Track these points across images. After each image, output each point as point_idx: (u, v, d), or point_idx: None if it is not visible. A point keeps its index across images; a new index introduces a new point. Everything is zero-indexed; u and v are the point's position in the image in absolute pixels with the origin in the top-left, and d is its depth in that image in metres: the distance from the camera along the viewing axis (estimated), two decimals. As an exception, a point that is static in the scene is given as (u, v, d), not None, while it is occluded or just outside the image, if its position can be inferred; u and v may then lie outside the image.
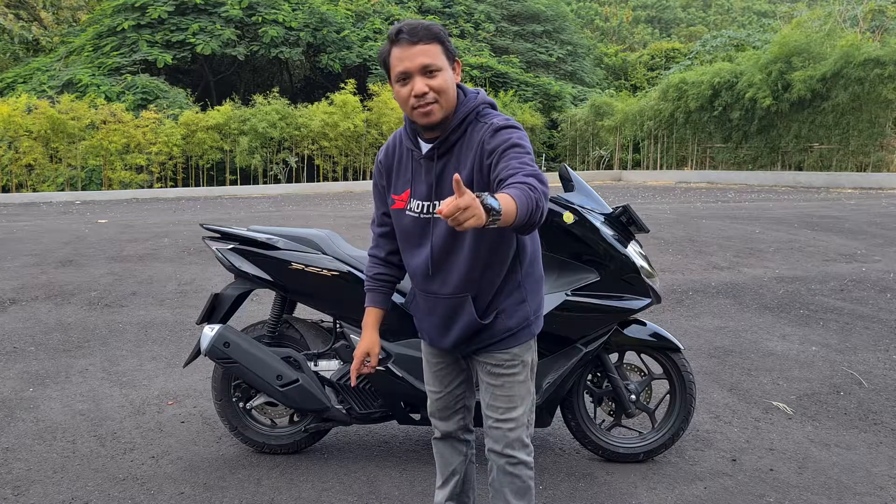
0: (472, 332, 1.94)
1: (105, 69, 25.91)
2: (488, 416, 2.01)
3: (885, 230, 9.74)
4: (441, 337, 2.01)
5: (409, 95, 1.79)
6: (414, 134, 1.95)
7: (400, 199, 1.96)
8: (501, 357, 1.96)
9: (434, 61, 1.78)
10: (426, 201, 1.91)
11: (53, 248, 9.01)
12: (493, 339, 1.95)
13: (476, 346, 1.98)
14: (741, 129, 24.95)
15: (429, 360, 2.14)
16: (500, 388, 1.98)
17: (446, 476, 2.21)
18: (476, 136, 1.84)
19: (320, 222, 11.68)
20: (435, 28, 1.80)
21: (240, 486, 2.72)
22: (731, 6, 57.64)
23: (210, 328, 2.81)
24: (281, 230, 2.90)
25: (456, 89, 1.86)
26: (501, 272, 1.93)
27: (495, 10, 37.48)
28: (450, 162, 1.87)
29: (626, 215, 2.75)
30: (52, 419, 3.40)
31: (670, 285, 6.26)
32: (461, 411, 2.16)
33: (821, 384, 3.82)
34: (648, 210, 13.19)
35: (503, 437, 1.98)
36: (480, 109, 1.89)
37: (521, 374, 1.98)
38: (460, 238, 1.87)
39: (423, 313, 2.04)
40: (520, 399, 1.98)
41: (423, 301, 2.03)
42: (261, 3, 28.97)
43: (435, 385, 2.14)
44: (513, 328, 1.95)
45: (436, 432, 2.20)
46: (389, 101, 25.44)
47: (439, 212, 1.40)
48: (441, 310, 1.97)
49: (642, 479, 2.75)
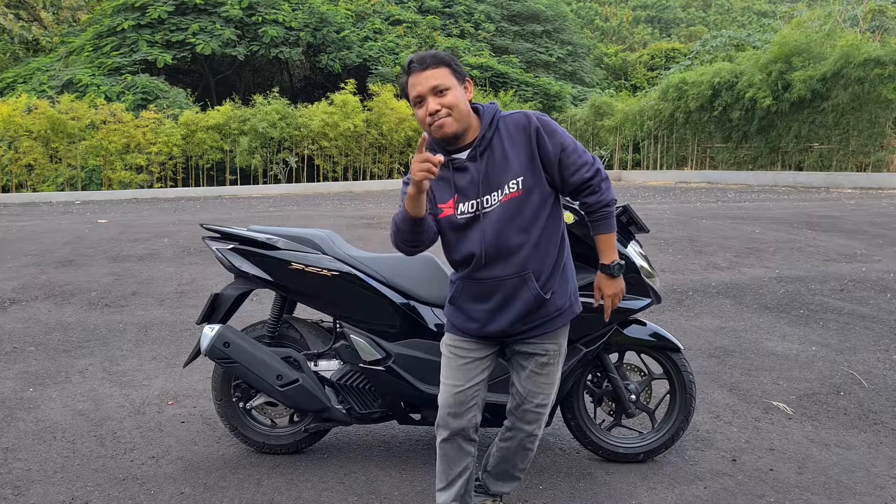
0: (530, 309, 2.12)
1: (105, 69, 25.88)
2: (528, 400, 2.20)
3: (885, 230, 9.74)
4: (495, 320, 2.13)
5: (426, 115, 2.02)
6: (443, 151, 2.15)
7: (447, 206, 2.12)
8: (551, 347, 2.18)
9: (442, 81, 2.00)
10: (475, 199, 2.08)
11: (53, 248, 9.01)
12: (547, 317, 2.15)
13: (529, 325, 2.14)
14: (741, 129, 24.93)
15: (456, 354, 2.20)
16: (544, 377, 2.19)
17: (452, 478, 2.22)
18: (512, 128, 2.09)
19: (320, 222, 11.68)
20: (441, 54, 2.04)
21: (240, 485, 2.72)
22: (731, 6, 57.63)
23: (210, 328, 2.81)
24: (281, 230, 2.90)
25: (469, 105, 2.07)
26: (554, 252, 2.14)
27: (495, 10, 37.45)
28: (492, 157, 2.08)
29: (626, 215, 2.75)
30: (52, 419, 3.40)
31: (670, 285, 6.26)
32: (474, 409, 2.21)
33: (821, 384, 3.83)
34: (648, 210, 13.19)
35: (536, 419, 2.21)
36: (496, 117, 2.13)
37: (559, 364, 2.23)
38: (518, 223, 2.07)
39: (474, 301, 2.16)
40: (554, 386, 2.23)
41: (476, 288, 2.14)
42: (261, 3, 28.95)
43: (458, 379, 2.18)
44: (561, 307, 2.17)
45: (442, 433, 2.20)
46: (389, 101, 25.43)
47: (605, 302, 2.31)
48: (500, 292, 2.11)
49: (642, 479, 2.76)
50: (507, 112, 2.14)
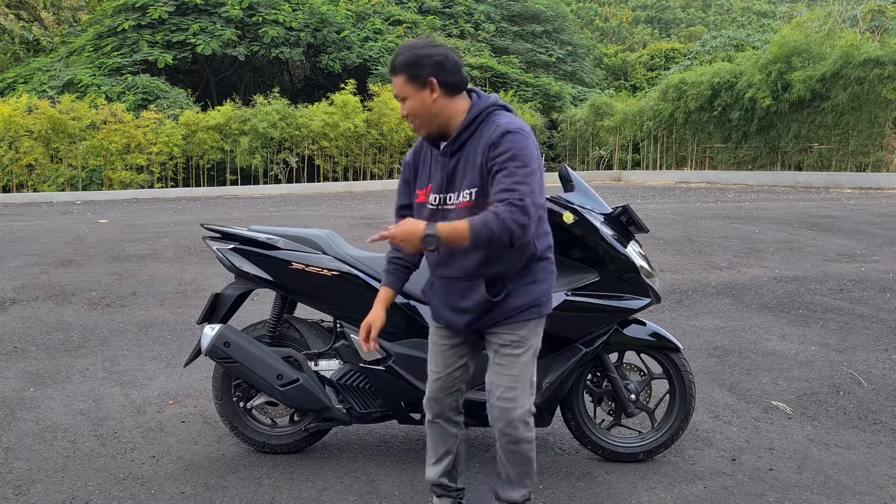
0: (485, 310, 2.11)
1: (105, 69, 25.89)
2: (491, 393, 2.15)
3: (884, 230, 9.75)
4: (457, 318, 2.17)
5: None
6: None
7: (422, 193, 2.16)
8: (508, 338, 2.12)
9: (399, 92, 2.04)
10: (440, 194, 2.11)
11: (54, 247, 9.02)
12: (504, 315, 2.10)
13: (488, 322, 2.13)
14: (741, 129, 24.95)
15: (436, 342, 2.28)
16: (504, 368, 2.13)
17: (440, 455, 2.35)
18: (485, 134, 2.01)
19: (321, 222, 11.69)
20: (399, 60, 2.01)
21: (240, 485, 2.73)
22: (730, 6, 57.63)
23: (210, 328, 2.82)
24: (281, 230, 2.91)
25: (439, 103, 2.02)
26: (517, 258, 2.07)
27: (495, 11, 37.45)
28: (461, 159, 2.06)
29: (626, 215, 2.76)
30: (53, 419, 3.40)
31: (670, 285, 6.27)
32: (455, 394, 2.30)
33: (820, 384, 3.83)
34: (648, 210, 13.19)
35: (503, 415, 2.12)
36: (491, 110, 2.06)
37: (524, 356, 2.13)
38: None
39: (440, 296, 2.22)
40: (521, 380, 2.12)
41: (439, 285, 2.21)
42: (261, 4, 28.95)
43: (437, 366, 2.28)
44: (521, 306, 2.10)
45: (428, 415, 2.33)
46: (390, 102, 25.43)
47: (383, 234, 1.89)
48: (456, 292, 2.14)
49: (642, 479, 2.76)
50: (505, 117, 2.03)
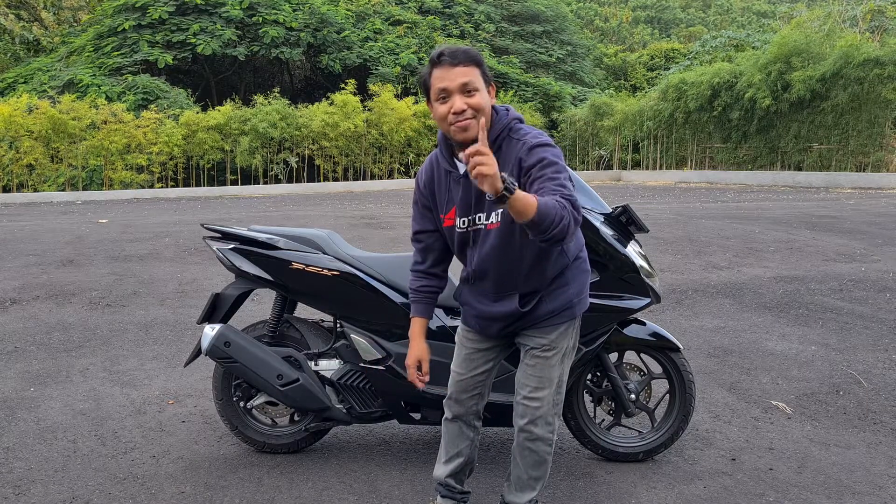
0: (515, 319, 2.14)
1: (106, 69, 25.89)
2: (518, 391, 2.18)
3: (884, 230, 9.75)
4: (488, 325, 2.20)
5: (448, 112, 1.94)
6: (450, 154, 2.11)
7: (448, 217, 2.14)
8: (539, 341, 2.15)
9: (470, 82, 1.93)
10: (469, 216, 2.09)
11: (54, 247, 9.02)
12: (535, 321, 2.14)
13: (520, 327, 2.17)
14: (741, 129, 24.95)
15: (463, 344, 2.30)
16: (532, 369, 2.15)
17: (451, 455, 2.35)
18: (512, 152, 1.99)
19: (321, 222, 11.69)
20: (473, 52, 1.97)
21: (240, 485, 2.73)
22: (730, 6, 57.61)
23: (211, 328, 2.82)
24: (281, 230, 2.91)
25: (491, 110, 2.01)
26: (546, 271, 2.10)
27: (495, 11, 37.45)
28: None
29: (626, 215, 2.76)
30: (53, 419, 3.40)
31: (670, 285, 6.27)
32: (476, 397, 2.30)
33: (820, 384, 3.83)
34: (648, 210, 13.19)
35: (528, 413, 2.15)
36: (512, 125, 2.04)
37: (553, 358, 2.15)
38: (510, 244, 2.04)
39: (472, 306, 2.23)
40: (548, 381, 2.15)
41: (471, 296, 2.23)
42: (261, 4, 28.95)
43: (461, 367, 2.29)
44: (553, 311, 2.13)
45: (447, 413, 2.33)
46: (390, 102, 25.45)
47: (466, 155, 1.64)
48: (488, 301, 2.16)
49: (642, 479, 2.76)
50: (527, 130, 2.02)
